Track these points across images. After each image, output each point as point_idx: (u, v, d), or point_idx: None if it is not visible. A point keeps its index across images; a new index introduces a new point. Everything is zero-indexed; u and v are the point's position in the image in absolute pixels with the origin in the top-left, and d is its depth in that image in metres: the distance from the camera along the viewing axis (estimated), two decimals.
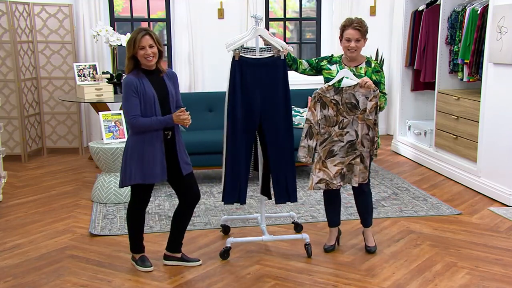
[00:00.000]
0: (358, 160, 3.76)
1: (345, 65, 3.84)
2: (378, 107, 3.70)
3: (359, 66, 3.83)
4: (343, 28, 3.80)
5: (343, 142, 3.75)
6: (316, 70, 3.94)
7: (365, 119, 3.71)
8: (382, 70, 3.87)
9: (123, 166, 3.57)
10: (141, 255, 3.77)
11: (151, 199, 5.15)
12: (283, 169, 3.86)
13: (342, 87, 3.69)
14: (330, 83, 3.71)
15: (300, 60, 3.99)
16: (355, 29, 3.74)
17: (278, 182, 3.87)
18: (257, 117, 3.79)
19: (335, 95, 3.70)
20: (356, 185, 3.81)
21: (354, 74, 3.75)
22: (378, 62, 3.97)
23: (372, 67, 3.83)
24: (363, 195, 3.97)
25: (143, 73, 3.50)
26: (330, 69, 3.86)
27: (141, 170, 3.51)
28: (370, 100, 3.67)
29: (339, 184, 3.81)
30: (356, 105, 3.70)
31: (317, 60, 3.95)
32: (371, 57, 3.90)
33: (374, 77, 3.79)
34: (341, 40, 3.84)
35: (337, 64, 3.87)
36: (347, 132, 3.75)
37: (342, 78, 3.69)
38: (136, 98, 3.44)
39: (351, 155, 3.77)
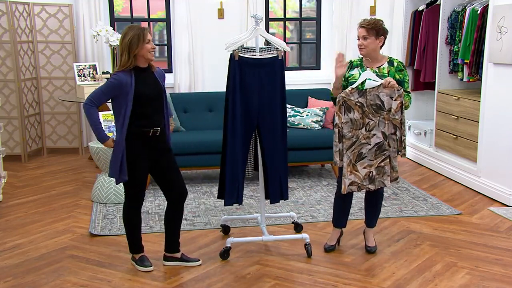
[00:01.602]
0: (388, 161, 3.76)
1: (367, 66, 3.82)
2: (403, 106, 3.70)
3: (382, 66, 3.80)
4: (357, 28, 3.82)
5: (370, 144, 3.73)
6: (348, 83, 3.85)
7: (391, 119, 3.70)
8: (405, 69, 3.85)
9: (112, 164, 3.57)
10: (141, 255, 3.77)
11: (151, 199, 5.19)
12: (278, 168, 3.88)
13: (366, 89, 3.67)
14: (354, 85, 3.69)
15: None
16: (361, 27, 3.75)
17: (273, 181, 3.88)
18: (255, 117, 3.80)
19: (359, 98, 3.68)
20: (389, 185, 3.81)
21: (377, 75, 3.73)
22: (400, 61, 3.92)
23: (395, 66, 3.81)
24: (375, 196, 3.97)
25: (136, 71, 3.49)
26: (353, 74, 3.83)
27: (124, 167, 3.50)
28: (395, 100, 3.66)
29: (368, 186, 3.79)
30: (381, 106, 3.69)
31: (343, 78, 3.86)
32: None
33: (397, 76, 3.77)
34: None
35: (359, 67, 3.84)
36: (374, 134, 3.72)
37: (365, 80, 3.67)
38: (108, 98, 3.49)
39: (380, 157, 3.75)
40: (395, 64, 3.82)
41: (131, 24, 3.54)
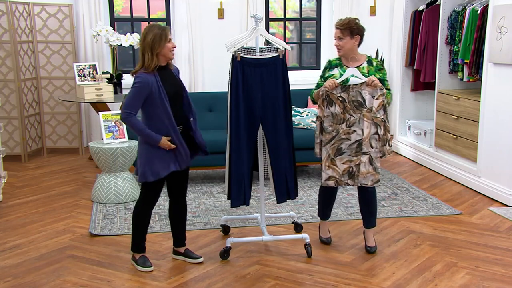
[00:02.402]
0: (364, 159, 3.78)
1: (346, 66, 3.86)
2: (386, 105, 3.73)
3: (361, 66, 3.85)
4: None
5: (350, 140, 3.79)
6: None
7: (372, 117, 3.73)
8: (384, 67, 3.91)
9: (143, 161, 3.53)
10: (141, 255, 3.77)
11: None
12: (283, 168, 3.87)
13: (349, 85, 3.72)
14: (338, 80, 3.74)
15: (317, 90, 3.90)
16: (336, 28, 3.83)
17: (278, 181, 3.87)
18: (258, 117, 3.79)
19: (342, 93, 3.73)
20: (359, 185, 3.83)
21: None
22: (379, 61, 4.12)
23: (374, 66, 3.86)
24: (366, 194, 3.96)
25: (157, 70, 3.51)
26: (333, 74, 3.87)
27: (159, 164, 3.50)
28: (377, 99, 3.70)
29: (346, 182, 3.82)
30: (362, 103, 3.73)
31: (322, 78, 3.94)
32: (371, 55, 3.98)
33: (377, 75, 3.82)
34: None
35: (338, 67, 3.88)
36: (354, 131, 3.76)
37: (350, 76, 3.73)
38: (141, 101, 3.44)
39: (359, 155, 3.79)
40: (374, 63, 3.88)
41: (151, 24, 3.56)
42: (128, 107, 3.45)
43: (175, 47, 3.54)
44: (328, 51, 7.91)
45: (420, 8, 6.60)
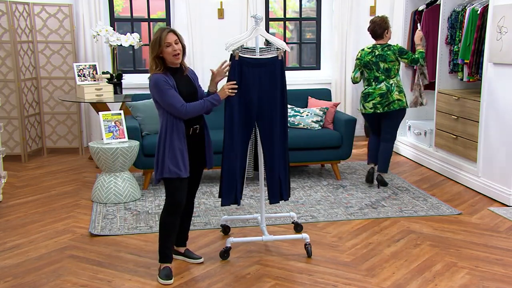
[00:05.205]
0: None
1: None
2: None
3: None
4: None
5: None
6: None
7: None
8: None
9: (160, 160, 3.50)
10: (165, 266, 3.61)
11: (151, 199, 5.19)
12: (277, 169, 3.86)
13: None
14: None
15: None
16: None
17: (271, 182, 3.86)
18: (254, 117, 3.80)
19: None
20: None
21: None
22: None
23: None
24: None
25: (169, 72, 3.49)
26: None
27: (176, 164, 3.48)
28: None
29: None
30: None
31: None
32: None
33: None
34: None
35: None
36: None
37: None
38: (173, 89, 3.42)
39: None
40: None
41: (162, 26, 3.53)
42: (175, 102, 3.39)
43: (176, 50, 3.44)
44: (328, 51, 7.91)
45: (420, 8, 6.60)
